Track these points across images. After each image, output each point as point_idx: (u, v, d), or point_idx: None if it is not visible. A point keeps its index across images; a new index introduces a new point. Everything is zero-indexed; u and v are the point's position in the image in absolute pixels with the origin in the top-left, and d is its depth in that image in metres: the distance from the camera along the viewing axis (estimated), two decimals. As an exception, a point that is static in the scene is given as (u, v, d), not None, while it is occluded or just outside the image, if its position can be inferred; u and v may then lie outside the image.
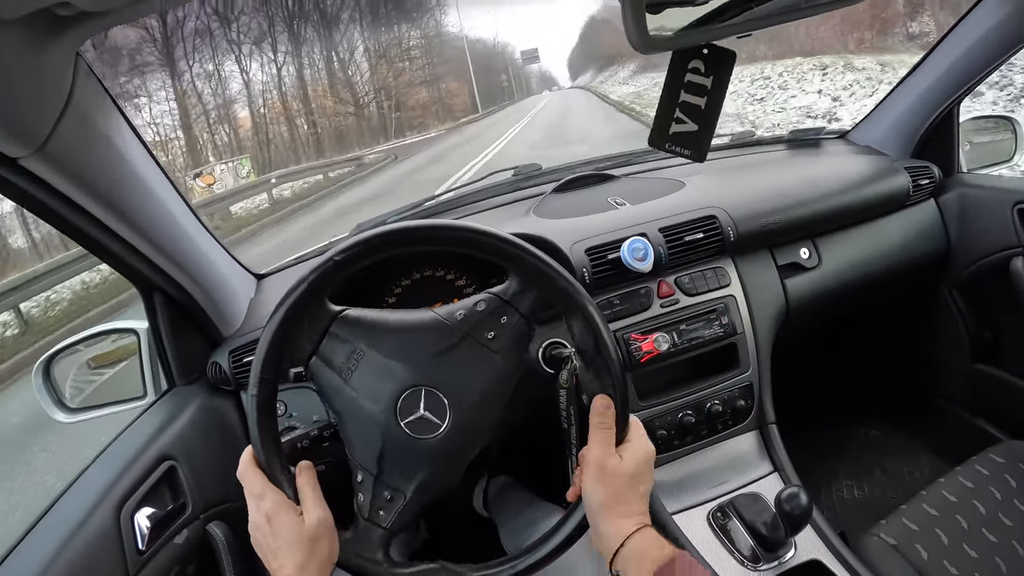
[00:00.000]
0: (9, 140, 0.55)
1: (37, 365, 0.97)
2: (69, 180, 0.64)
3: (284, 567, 0.56)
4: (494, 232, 0.60)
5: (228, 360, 0.90)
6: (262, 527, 0.58)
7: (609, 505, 0.58)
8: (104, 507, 0.71)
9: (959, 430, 1.32)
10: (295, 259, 1.14)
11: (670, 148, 0.57)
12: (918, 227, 1.18)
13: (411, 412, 0.59)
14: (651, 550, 0.54)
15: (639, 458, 0.60)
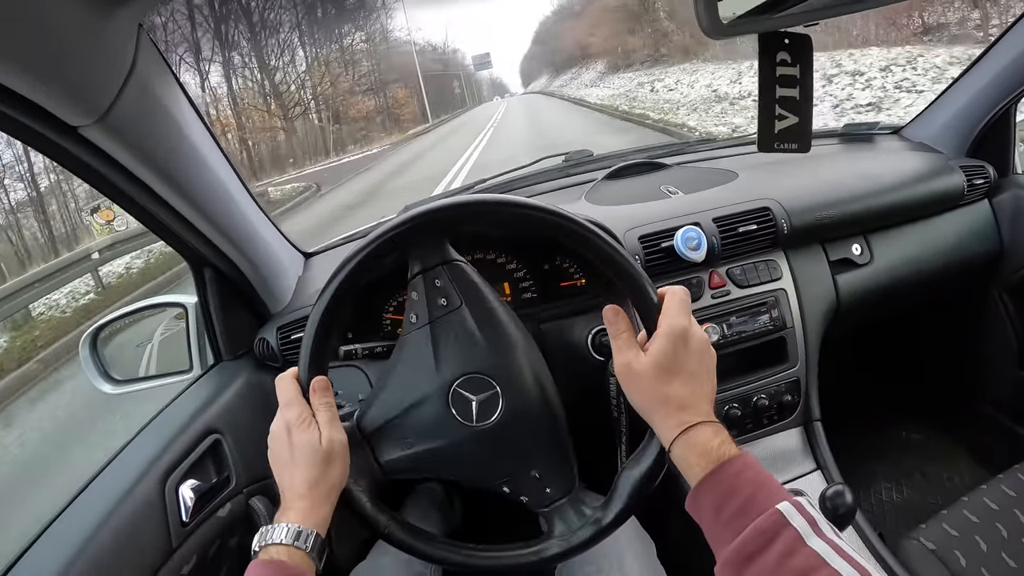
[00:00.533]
0: (71, 108, 0.55)
1: (84, 337, 0.98)
2: (128, 150, 0.64)
3: (294, 484, 0.55)
4: (570, 214, 0.59)
5: (276, 336, 0.90)
6: (281, 437, 0.57)
7: (647, 408, 0.54)
8: (150, 478, 0.72)
9: (1002, 438, 1.29)
10: (343, 239, 1.14)
11: (779, 147, 0.57)
12: (971, 227, 1.15)
13: (467, 391, 0.59)
14: (693, 459, 0.50)
15: (667, 345, 0.52)
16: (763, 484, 0.47)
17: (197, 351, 0.97)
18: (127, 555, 0.65)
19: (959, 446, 1.36)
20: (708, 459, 0.49)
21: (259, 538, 0.52)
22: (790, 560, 0.42)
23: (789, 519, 0.44)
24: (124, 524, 0.66)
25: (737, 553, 0.44)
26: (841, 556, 0.41)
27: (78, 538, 0.63)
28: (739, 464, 0.48)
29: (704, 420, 0.51)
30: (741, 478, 0.47)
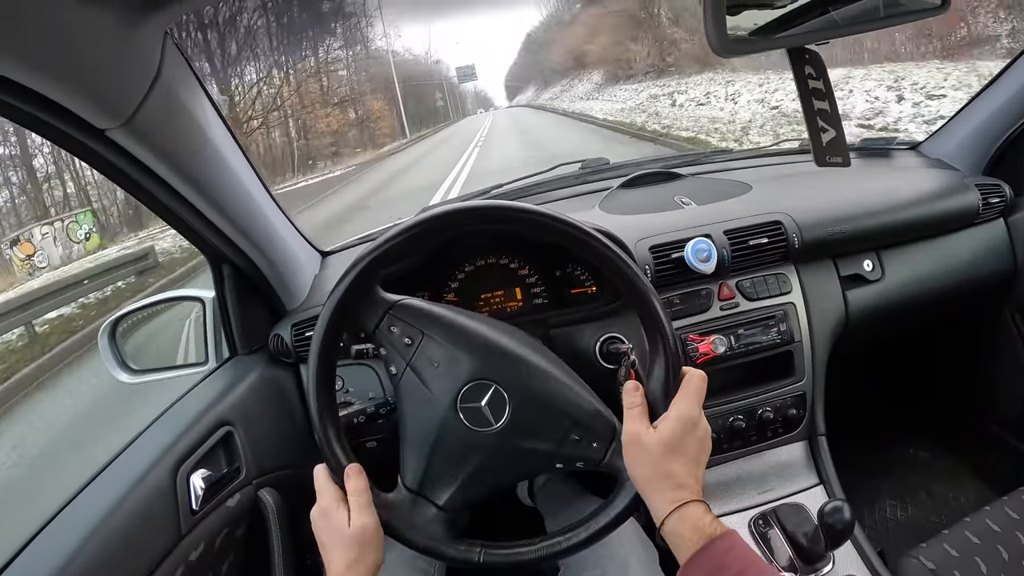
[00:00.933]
0: (99, 112, 0.58)
1: (103, 327, 1.01)
2: (152, 152, 0.66)
3: (332, 562, 0.58)
4: (576, 222, 0.60)
5: (291, 333, 0.92)
6: (318, 522, 0.61)
7: (647, 480, 0.56)
8: (162, 466, 0.74)
9: (1009, 458, 1.28)
10: (359, 238, 1.16)
11: (831, 160, 0.58)
12: (985, 246, 1.14)
13: (472, 402, 0.60)
14: (687, 533, 0.52)
15: (677, 428, 0.56)
16: (751, 562, 0.49)
17: (213, 344, 1.00)
18: (138, 538, 0.67)
19: (965, 465, 1.35)
20: (699, 535, 0.51)
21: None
22: None
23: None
24: (136, 508, 0.68)
25: None
26: None
27: (92, 520, 0.64)
28: (728, 541, 0.50)
29: (697, 499, 0.54)
30: (730, 555, 0.49)
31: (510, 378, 0.60)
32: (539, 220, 0.59)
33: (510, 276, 0.96)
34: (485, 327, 0.63)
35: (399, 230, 0.60)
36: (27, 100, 0.52)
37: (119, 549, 0.64)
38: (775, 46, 0.60)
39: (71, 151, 0.63)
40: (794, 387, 0.97)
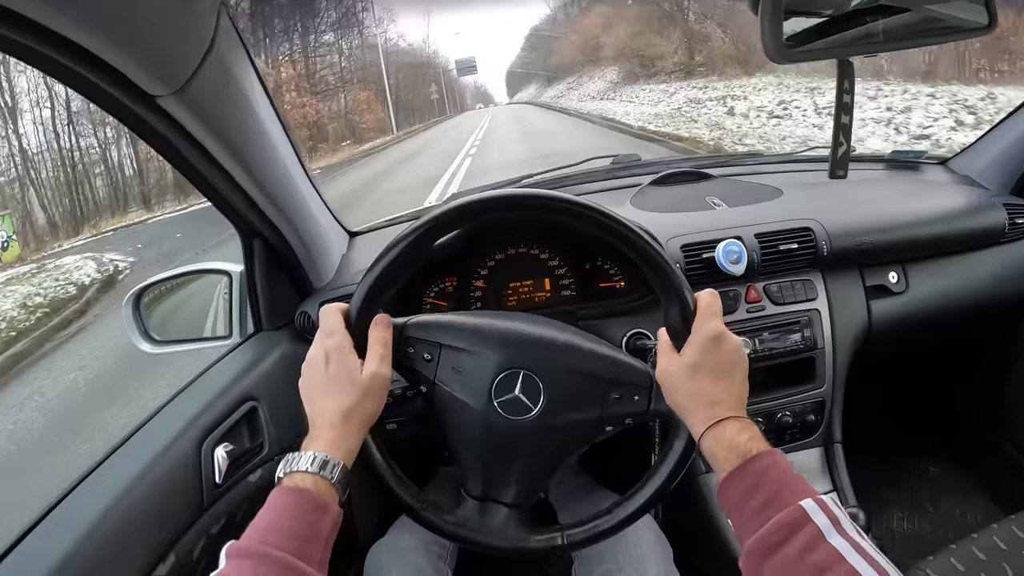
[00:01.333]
0: (152, 78, 0.58)
1: (128, 297, 1.01)
2: (200, 123, 0.66)
3: (326, 412, 0.55)
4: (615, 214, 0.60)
5: (317, 311, 0.93)
6: (318, 364, 0.57)
7: (681, 406, 0.56)
8: (187, 438, 0.74)
9: (1019, 479, 1.28)
10: (386, 221, 1.16)
11: (837, 174, 0.59)
12: (1009, 266, 1.14)
13: (506, 394, 0.60)
14: (721, 452, 0.51)
15: (698, 347, 0.55)
16: (789, 482, 0.48)
17: (238, 319, 1.00)
18: (161, 508, 0.67)
19: (976, 483, 1.35)
20: (735, 453, 0.50)
21: (284, 465, 0.52)
22: (810, 555, 0.43)
23: (811, 515, 0.44)
24: (161, 479, 0.68)
25: (759, 544, 0.45)
26: (860, 554, 0.42)
27: (117, 488, 0.65)
28: (767, 460, 0.49)
29: (732, 416, 0.53)
30: (768, 475, 0.48)
31: (535, 360, 0.60)
32: (582, 211, 0.59)
33: (540, 266, 0.96)
34: (496, 320, 0.63)
35: (440, 212, 0.59)
36: (82, 62, 0.53)
37: (143, 518, 0.65)
38: (828, 56, 0.60)
39: (118, 116, 0.63)
40: (814, 393, 0.98)
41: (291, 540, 0.47)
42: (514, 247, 0.97)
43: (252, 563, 0.45)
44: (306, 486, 0.50)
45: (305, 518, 0.49)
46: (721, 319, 0.57)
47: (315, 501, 0.50)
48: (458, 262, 0.96)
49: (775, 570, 0.44)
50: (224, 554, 0.47)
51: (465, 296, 0.98)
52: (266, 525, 0.48)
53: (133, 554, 0.62)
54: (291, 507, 0.49)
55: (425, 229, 0.58)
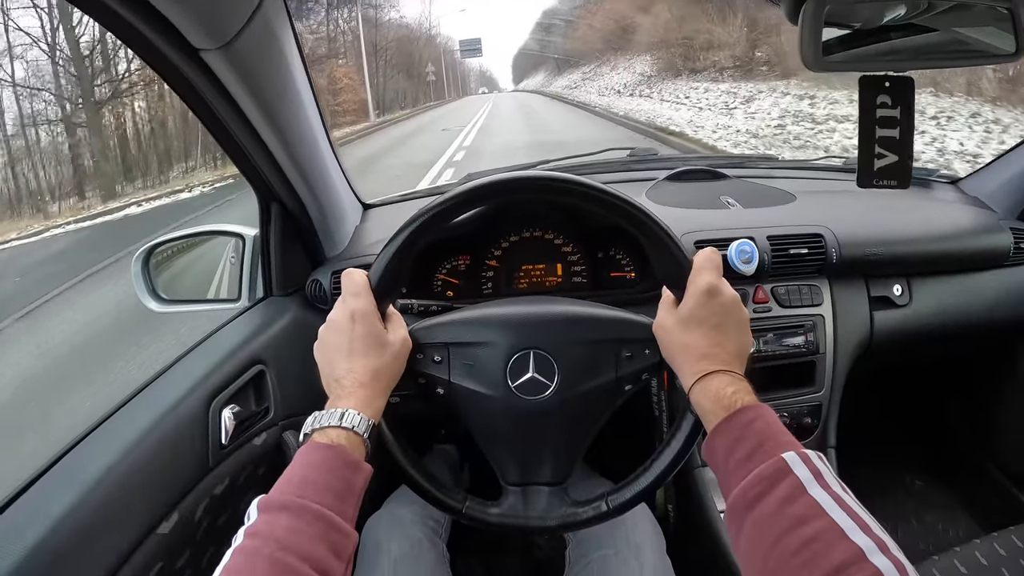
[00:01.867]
0: (200, 32, 0.58)
1: (138, 254, 1.01)
2: (240, 81, 0.67)
3: (354, 371, 0.53)
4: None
5: (330, 280, 0.94)
6: (341, 326, 0.55)
7: (672, 359, 0.56)
8: (195, 397, 0.74)
9: (1002, 500, 1.30)
10: (400, 196, 1.17)
11: (877, 183, 0.59)
12: (1010, 289, 1.16)
13: (521, 376, 0.60)
14: (707, 404, 0.51)
15: (691, 301, 0.55)
16: (773, 435, 0.47)
17: (248, 283, 1.00)
18: (167, 466, 0.67)
19: (960, 501, 1.37)
20: (720, 406, 0.50)
21: (312, 421, 0.51)
22: (789, 507, 0.42)
23: (792, 468, 0.44)
24: (168, 436, 0.68)
25: (739, 499, 0.45)
26: (841, 507, 0.41)
27: (124, 442, 0.65)
28: (752, 413, 0.49)
29: (721, 369, 0.52)
30: (752, 427, 0.48)
31: (542, 338, 0.60)
32: (599, 196, 0.58)
33: (553, 251, 0.97)
34: (497, 308, 0.64)
35: (459, 192, 0.58)
36: (135, 10, 0.53)
37: (148, 475, 0.65)
38: (859, 68, 0.61)
39: (159, 69, 0.63)
40: (812, 397, 0.99)
41: (327, 495, 0.45)
42: (529, 230, 0.97)
43: (288, 515, 0.43)
44: (340, 442, 0.49)
45: (339, 472, 0.48)
46: (718, 274, 0.56)
47: (349, 457, 0.49)
48: (472, 241, 0.96)
49: (755, 524, 0.43)
50: (255, 507, 0.45)
51: (477, 275, 0.99)
52: (300, 480, 0.46)
53: (137, 510, 0.62)
54: (325, 463, 0.48)
55: (448, 206, 0.58)
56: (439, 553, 0.83)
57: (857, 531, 0.39)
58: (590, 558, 0.76)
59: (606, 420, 0.62)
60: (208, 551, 0.73)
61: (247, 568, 0.40)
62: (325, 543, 0.43)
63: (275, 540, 0.41)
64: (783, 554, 0.40)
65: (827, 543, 0.39)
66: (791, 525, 0.41)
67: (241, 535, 0.43)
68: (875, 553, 0.38)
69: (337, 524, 0.45)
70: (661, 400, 0.94)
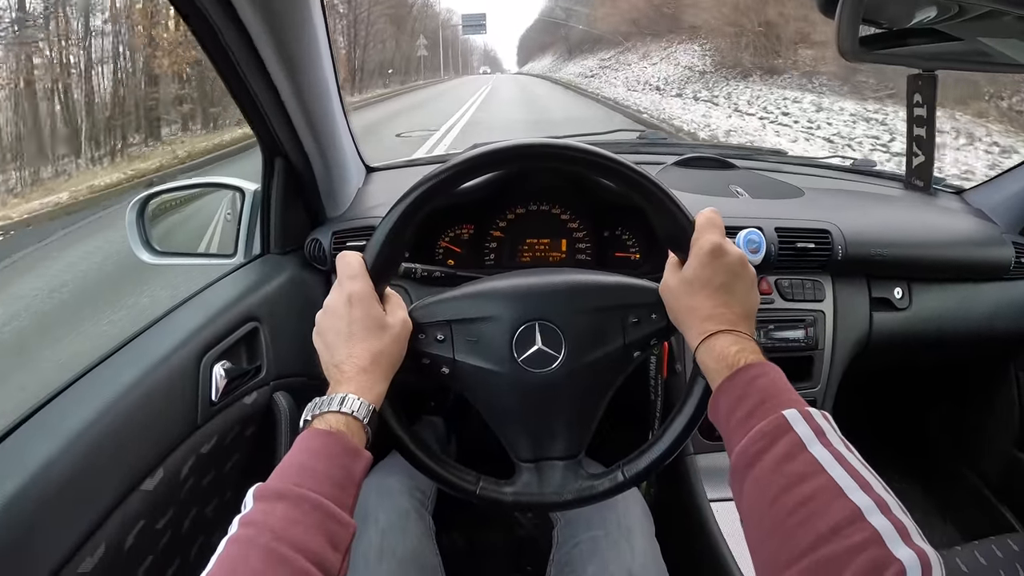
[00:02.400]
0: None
1: (133, 203, 0.99)
2: (264, 28, 0.65)
3: (354, 355, 0.52)
4: None
5: (330, 240, 0.92)
6: (338, 310, 0.53)
7: (678, 321, 0.56)
8: (187, 350, 0.71)
9: (980, 510, 1.32)
10: (405, 161, 1.15)
11: (913, 183, 0.59)
12: (1008, 302, 1.17)
13: (528, 349, 0.58)
14: (711, 364, 0.51)
15: (695, 262, 0.54)
16: (776, 393, 0.46)
17: (245, 239, 0.98)
18: (155, 419, 0.65)
19: (940, 508, 1.39)
20: (724, 364, 0.49)
21: (312, 407, 0.50)
22: (788, 464, 0.41)
23: (793, 424, 0.43)
24: (158, 389, 0.66)
25: (740, 457, 0.44)
26: (842, 465, 0.40)
27: (112, 392, 0.62)
28: (756, 371, 0.48)
29: (725, 329, 0.51)
30: (755, 384, 0.47)
31: (547, 308, 0.59)
32: (612, 166, 0.57)
33: (559, 226, 0.96)
34: (498, 281, 0.62)
35: (468, 157, 0.56)
36: None
37: (136, 428, 0.62)
38: (899, 62, 0.61)
39: (182, 9, 0.62)
40: (808, 392, 0.99)
41: (325, 484, 0.44)
42: (536, 203, 0.96)
43: (285, 505, 0.42)
44: (339, 428, 0.48)
45: (339, 460, 0.46)
46: (721, 233, 0.55)
47: (348, 444, 0.47)
48: (478, 210, 0.95)
49: (754, 483, 0.43)
50: (251, 496, 0.43)
51: (480, 245, 0.97)
52: (298, 467, 0.45)
53: (122, 462, 0.60)
54: (324, 449, 0.46)
55: (444, 178, 0.56)
56: (426, 525, 0.82)
57: (856, 489, 0.38)
58: (579, 538, 0.75)
59: (615, 389, 0.60)
60: (191, 512, 0.71)
61: (240, 558, 0.39)
62: (323, 533, 0.42)
63: (270, 530, 0.40)
64: (780, 513, 0.39)
65: (824, 502, 0.38)
66: (789, 483, 0.40)
67: (236, 524, 0.41)
68: (874, 512, 0.36)
69: (335, 514, 0.43)
70: (658, 386, 0.93)
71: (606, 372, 0.60)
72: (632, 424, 1.00)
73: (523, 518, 1.23)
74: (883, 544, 0.35)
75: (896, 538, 0.35)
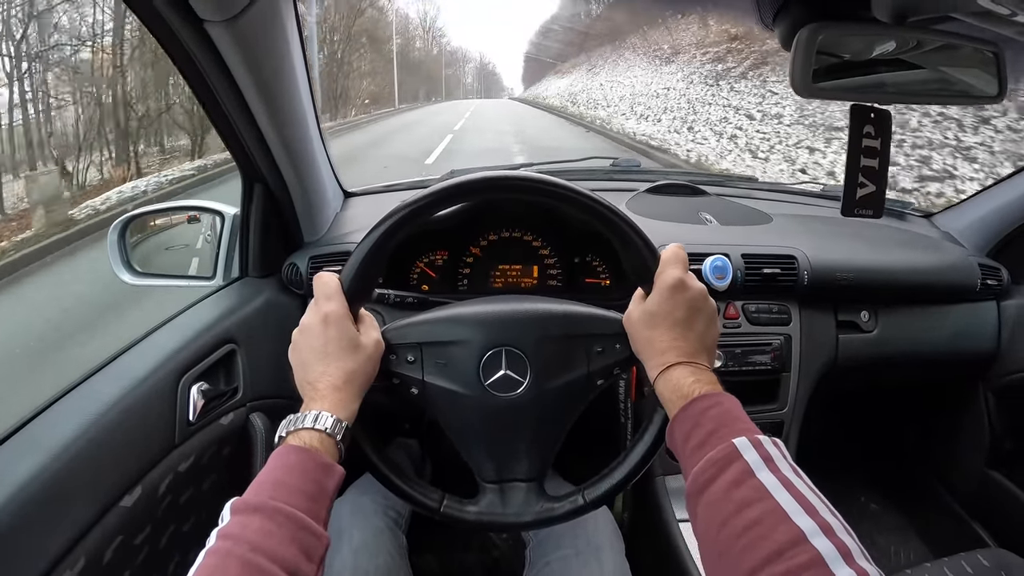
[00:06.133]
0: (208, 2, 0.58)
1: (115, 224, 1.00)
2: (241, 57, 0.67)
3: (329, 374, 0.53)
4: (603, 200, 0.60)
5: (307, 264, 0.94)
6: (314, 329, 0.55)
7: (639, 353, 0.57)
8: (165, 371, 0.73)
9: (953, 526, 1.34)
10: (383, 186, 1.17)
11: (858, 213, 0.61)
12: (974, 323, 1.19)
13: (494, 374, 0.59)
14: (668, 395, 0.52)
15: (656, 296, 0.56)
16: (729, 422, 0.48)
17: (224, 262, 1.00)
18: (134, 438, 0.67)
19: (912, 525, 1.41)
20: (679, 395, 0.51)
21: (287, 424, 0.51)
22: (736, 490, 0.42)
23: (742, 452, 0.44)
24: (136, 408, 0.68)
25: (693, 484, 0.46)
26: (788, 490, 0.41)
27: (92, 410, 0.64)
28: (710, 401, 0.50)
29: (683, 361, 0.53)
30: (708, 414, 0.49)
31: (514, 335, 0.60)
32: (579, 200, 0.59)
33: (531, 253, 0.98)
34: (468, 307, 0.63)
35: (437, 190, 0.58)
36: None
37: (115, 446, 0.64)
38: (847, 98, 0.63)
39: (161, 37, 0.64)
40: (775, 414, 1.01)
41: (299, 497, 0.46)
42: (509, 230, 0.98)
43: (261, 517, 0.43)
44: (313, 444, 0.49)
45: (312, 475, 0.48)
46: (684, 269, 0.57)
47: (321, 460, 0.49)
48: (452, 236, 0.97)
49: (706, 508, 0.44)
50: (228, 510, 0.44)
51: (453, 271, 0.99)
52: (273, 482, 0.46)
53: (101, 480, 0.62)
54: (299, 465, 0.48)
55: (419, 207, 0.57)
56: (399, 544, 0.83)
57: (801, 513, 0.39)
58: (550, 558, 0.77)
59: (578, 415, 0.62)
60: (168, 528, 0.72)
61: (219, 569, 0.40)
62: (297, 545, 0.43)
63: (247, 542, 0.42)
64: (729, 537, 0.41)
65: (770, 525, 0.39)
66: (736, 508, 0.42)
67: (214, 537, 0.43)
68: (817, 535, 0.38)
69: (309, 526, 0.45)
70: (627, 408, 0.95)
71: (570, 399, 0.62)
72: (605, 444, 1.01)
73: (497, 539, 1.24)
74: (825, 565, 0.36)
75: (839, 559, 0.36)
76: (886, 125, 0.64)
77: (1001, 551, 0.99)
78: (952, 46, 0.62)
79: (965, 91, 0.68)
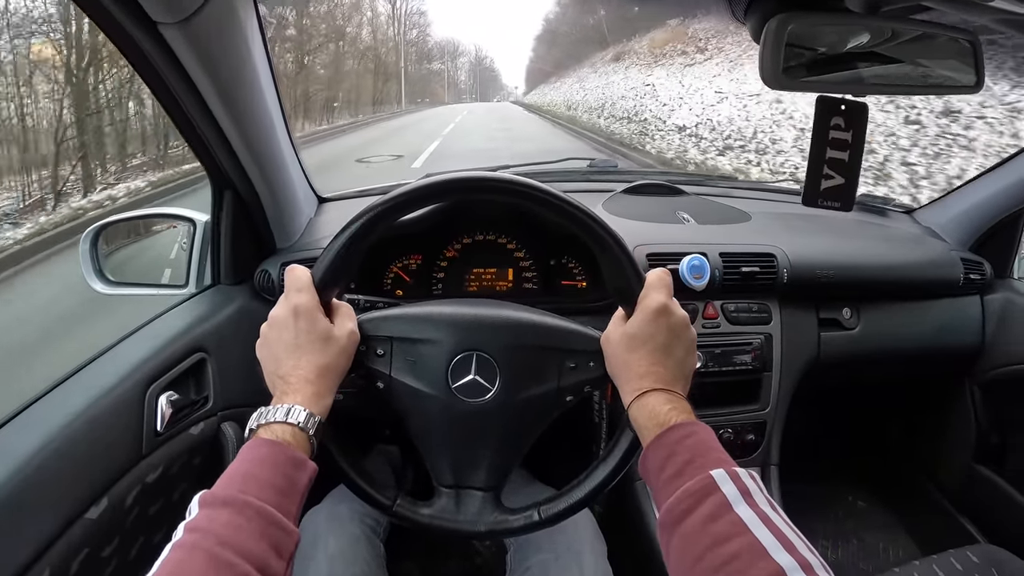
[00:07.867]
0: (158, 3, 0.57)
1: (86, 233, 0.99)
2: (197, 59, 0.65)
3: (301, 368, 0.52)
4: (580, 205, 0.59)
5: (279, 271, 0.92)
6: (286, 322, 0.54)
7: (614, 376, 0.57)
8: (132, 381, 0.72)
9: (941, 522, 1.34)
10: (357, 191, 1.16)
11: (822, 204, 0.60)
12: (958, 318, 1.19)
13: (462, 378, 0.59)
14: (643, 422, 0.52)
15: (639, 319, 0.55)
16: (704, 452, 0.47)
17: (196, 269, 0.98)
18: (99, 450, 0.65)
19: (900, 521, 1.40)
20: (655, 423, 0.50)
21: (258, 417, 0.50)
22: (713, 524, 0.42)
23: (720, 485, 0.44)
24: (101, 419, 0.66)
25: (668, 515, 0.45)
26: (766, 525, 0.41)
27: (55, 422, 0.63)
28: (685, 430, 0.49)
29: (660, 388, 0.52)
30: (683, 444, 0.48)
31: (487, 340, 0.59)
32: (555, 203, 0.58)
33: (506, 256, 0.97)
34: (444, 307, 0.62)
35: (412, 188, 0.58)
36: None
37: (79, 458, 0.63)
38: (819, 89, 0.62)
39: (115, 39, 0.62)
40: (757, 414, 1.00)
41: (269, 491, 0.45)
42: (483, 233, 0.97)
43: (230, 511, 0.42)
44: (285, 438, 0.48)
45: (283, 469, 0.47)
46: (669, 293, 0.56)
47: (293, 454, 0.48)
48: (426, 240, 0.96)
49: (681, 540, 0.43)
50: (196, 503, 0.43)
51: (428, 275, 0.98)
52: (243, 475, 0.45)
53: (66, 492, 0.61)
54: (269, 458, 0.47)
55: (395, 204, 0.57)
56: (376, 552, 0.81)
57: (780, 550, 0.39)
58: (530, 562, 0.76)
59: (543, 430, 0.61)
60: (138, 540, 0.71)
61: (185, 563, 0.40)
62: (266, 540, 0.42)
63: (214, 535, 0.41)
64: (704, 572, 0.40)
65: (747, 562, 0.39)
66: (713, 543, 0.41)
67: (181, 530, 0.42)
68: (796, 572, 0.37)
69: (279, 521, 0.44)
70: (603, 408, 0.94)
71: (536, 411, 0.61)
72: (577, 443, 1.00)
73: (480, 545, 1.23)
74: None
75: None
76: (860, 118, 0.63)
77: (991, 547, 0.98)
78: (928, 36, 0.61)
79: (942, 82, 0.67)
